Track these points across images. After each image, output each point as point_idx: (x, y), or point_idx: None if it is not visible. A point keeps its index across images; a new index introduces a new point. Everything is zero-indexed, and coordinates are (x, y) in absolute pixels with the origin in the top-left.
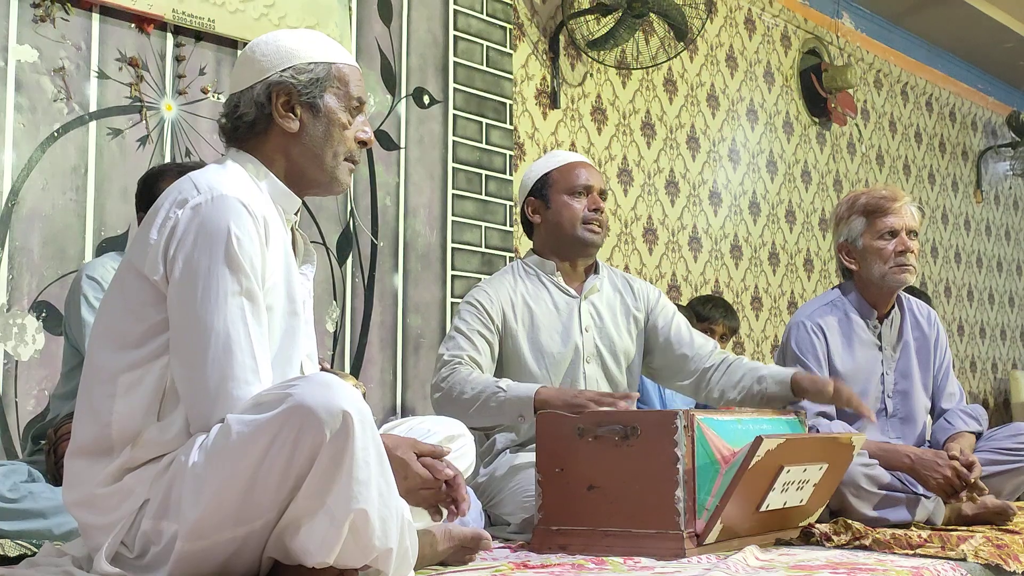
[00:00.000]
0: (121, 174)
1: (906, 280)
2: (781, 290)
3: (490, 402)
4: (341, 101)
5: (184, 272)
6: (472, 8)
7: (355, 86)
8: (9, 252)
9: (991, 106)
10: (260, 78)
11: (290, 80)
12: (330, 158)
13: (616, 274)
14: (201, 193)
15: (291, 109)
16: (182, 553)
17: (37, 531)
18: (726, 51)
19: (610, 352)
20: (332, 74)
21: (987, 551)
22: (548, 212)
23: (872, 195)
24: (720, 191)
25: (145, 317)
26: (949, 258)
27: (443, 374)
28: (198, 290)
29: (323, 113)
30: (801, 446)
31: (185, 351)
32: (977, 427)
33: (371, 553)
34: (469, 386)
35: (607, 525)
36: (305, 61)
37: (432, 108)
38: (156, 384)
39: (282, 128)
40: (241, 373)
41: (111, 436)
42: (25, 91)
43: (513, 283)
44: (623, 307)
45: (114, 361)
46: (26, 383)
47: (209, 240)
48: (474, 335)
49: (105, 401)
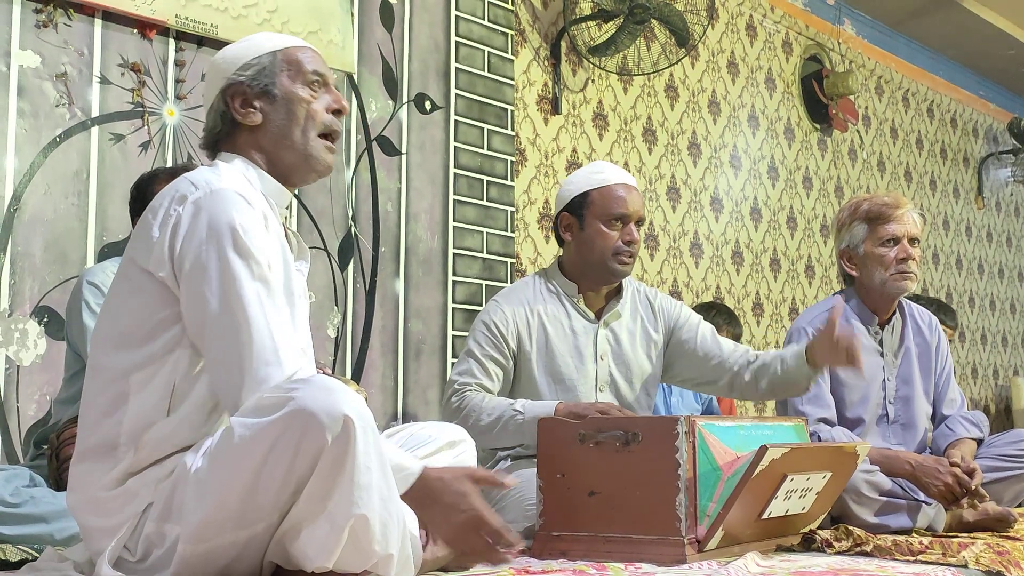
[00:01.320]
0: (123, 179)
1: (907, 287)
2: (782, 296)
3: (509, 426)
4: (296, 79)
5: (195, 267)
6: (474, 14)
7: (308, 63)
8: (11, 257)
9: (992, 112)
10: (216, 91)
11: (238, 79)
12: (299, 135)
13: (639, 292)
14: (199, 189)
15: (249, 105)
16: (184, 556)
17: (39, 536)
18: (727, 57)
19: (626, 379)
20: (279, 59)
21: (988, 558)
22: (581, 234)
23: (874, 202)
24: (721, 197)
25: (152, 314)
26: (951, 264)
27: (453, 402)
28: (212, 282)
29: (280, 96)
30: (806, 455)
31: (208, 342)
32: (978, 434)
33: (371, 558)
34: (485, 413)
35: (608, 531)
36: (249, 58)
37: (434, 114)
38: (167, 379)
39: (247, 126)
40: (263, 355)
41: (120, 435)
42: (27, 96)
43: (532, 300)
44: (643, 330)
45: (123, 360)
46: (28, 388)
47: (215, 232)
48: (487, 360)
49: (117, 400)
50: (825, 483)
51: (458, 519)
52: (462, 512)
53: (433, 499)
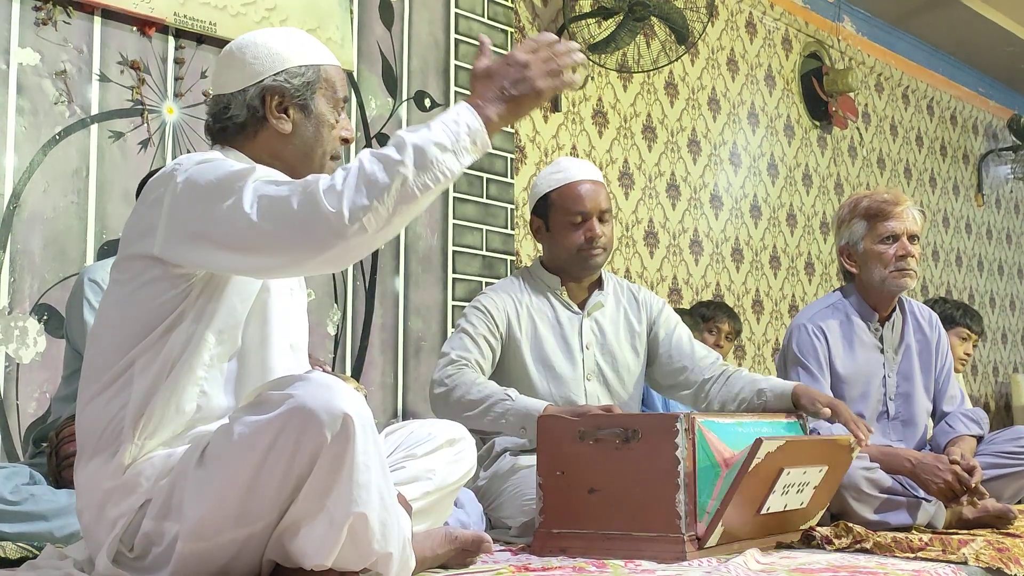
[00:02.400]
0: (122, 177)
1: (906, 284)
2: (782, 293)
3: (495, 407)
4: (329, 103)
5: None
6: (473, 11)
7: (340, 87)
8: (10, 255)
9: (992, 109)
10: (252, 81)
11: (284, 84)
12: (319, 156)
13: (621, 286)
14: (182, 164)
15: (284, 111)
16: (183, 554)
17: (38, 533)
18: (727, 55)
19: (612, 368)
20: (321, 76)
21: (988, 555)
22: (549, 235)
23: (873, 199)
24: (721, 194)
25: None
26: (950, 261)
27: (448, 371)
28: (224, 214)
29: (314, 114)
30: (801, 448)
31: (260, 252)
32: (978, 431)
33: (370, 557)
34: (476, 389)
35: (608, 528)
36: (296, 64)
37: (433, 111)
38: (166, 357)
39: (275, 129)
40: (294, 189)
41: (124, 420)
42: (27, 94)
43: (519, 293)
44: (626, 321)
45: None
46: (27, 386)
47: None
48: (480, 339)
49: (123, 389)
50: (822, 477)
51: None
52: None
53: (501, 95)
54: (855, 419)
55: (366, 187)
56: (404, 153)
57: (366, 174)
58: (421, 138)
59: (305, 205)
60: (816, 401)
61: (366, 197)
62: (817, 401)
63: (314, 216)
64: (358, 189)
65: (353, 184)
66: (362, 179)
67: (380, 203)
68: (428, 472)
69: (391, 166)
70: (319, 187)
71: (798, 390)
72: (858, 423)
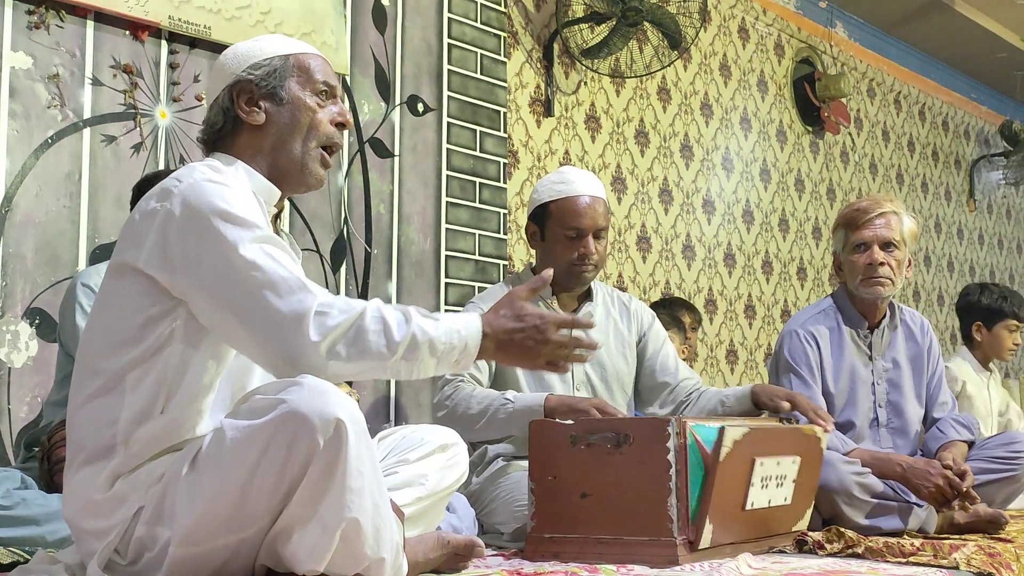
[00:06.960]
0: (115, 181)
1: (878, 293)
2: (774, 298)
3: (499, 414)
4: (305, 86)
5: (191, 254)
6: (466, 16)
7: (319, 71)
8: (3, 259)
9: (984, 115)
10: (223, 85)
11: (247, 77)
12: (299, 143)
13: (612, 295)
14: (182, 182)
15: (254, 104)
16: (175, 559)
17: (30, 538)
18: (720, 60)
19: (601, 379)
20: (290, 63)
21: (979, 559)
22: (543, 243)
23: (851, 207)
24: (714, 199)
25: (142, 311)
26: (942, 267)
27: (446, 392)
28: (214, 262)
29: (287, 100)
30: (767, 436)
31: (233, 316)
32: (969, 436)
33: (362, 562)
34: (475, 401)
35: (600, 533)
36: (261, 58)
37: (426, 116)
38: (159, 376)
39: (250, 124)
40: (290, 289)
41: (115, 435)
42: (19, 98)
43: None
44: (616, 331)
45: (118, 361)
46: (19, 390)
47: (203, 216)
48: None
49: (113, 400)
50: (797, 469)
51: (532, 339)
52: (535, 333)
53: (508, 340)
54: (814, 407)
55: (355, 341)
56: (403, 334)
57: (363, 330)
58: (424, 330)
59: (292, 316)
60: (774, 396)
61: (348, 348)
62: (775, 396)
63: (294, 330)
64: (346, 336)
65: (345, 328)
66: (356, 331)
67: (357, 361)
68: (421, 477)
69: (387, 341)
70: (313, 303)
71: (756, 389)
72: (817, 411)
